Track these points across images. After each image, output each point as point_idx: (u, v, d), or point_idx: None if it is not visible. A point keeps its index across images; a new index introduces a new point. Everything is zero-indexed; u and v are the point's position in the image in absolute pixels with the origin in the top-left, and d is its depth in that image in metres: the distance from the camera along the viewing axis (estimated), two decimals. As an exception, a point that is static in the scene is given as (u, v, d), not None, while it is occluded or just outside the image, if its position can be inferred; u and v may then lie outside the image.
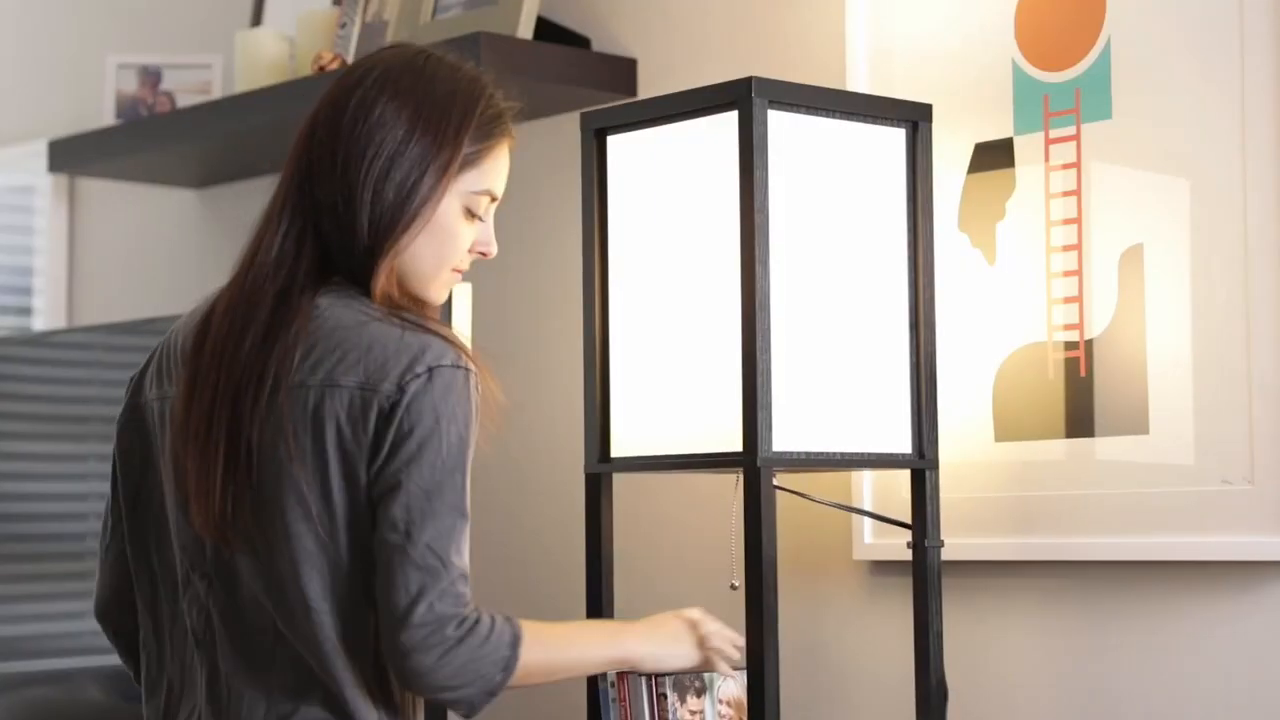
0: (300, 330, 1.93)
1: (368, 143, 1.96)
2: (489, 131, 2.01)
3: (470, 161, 2.00)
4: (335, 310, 1.95)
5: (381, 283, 1.97)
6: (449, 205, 1.99)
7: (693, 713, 2.26)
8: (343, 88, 2.00)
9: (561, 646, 2.02)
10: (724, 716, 2.16)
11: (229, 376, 1.94)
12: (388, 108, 1.97)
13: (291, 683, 1.94)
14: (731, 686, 2.22)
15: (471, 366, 1.93)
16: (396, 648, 1.87)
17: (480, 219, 2.03)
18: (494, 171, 2.03)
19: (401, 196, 1.96)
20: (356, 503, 1.91)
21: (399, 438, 1.89)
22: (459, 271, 2.05)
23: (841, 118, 2.35)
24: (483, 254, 2.07)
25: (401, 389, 1.90)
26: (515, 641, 1.91)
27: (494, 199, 2.04)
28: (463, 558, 1.90)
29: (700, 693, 2.27)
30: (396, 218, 1.96)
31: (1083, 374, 2.43)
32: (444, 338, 1.94)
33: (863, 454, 2.35)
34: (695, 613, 2.17)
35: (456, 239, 2.01)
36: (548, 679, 2.00)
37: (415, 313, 1.98)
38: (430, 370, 1.90)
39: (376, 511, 1.90)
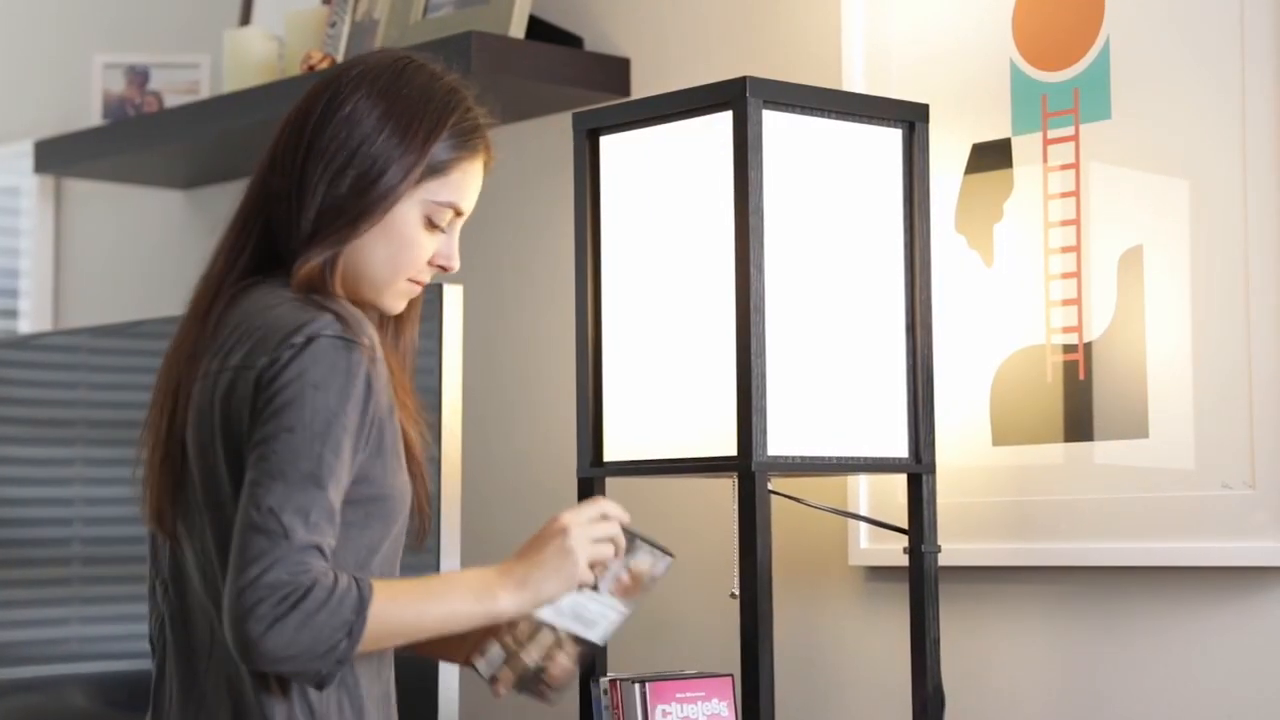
0: (220, 321, 1.94)
1: (333, 136, 1.95)
2: (461, 144, 1.99)
3: (437, 170, 1.97)
4: (255, 298, 1.94)
5: (306, 270, 1.93)
6: (407, 210, 1.97)
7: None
8: (320, 85, 2.01)
9: (420, 605, 1.89)
10: (621, 582, 2.05)
11: (173, 371, 1.96)
12: (360, 105, 1.96)
13: (212, 705, 1.91)
14: (645, 560, 2.06)
15: (363, 341, 1.87)
16: (227, 616, 1.80)
17: (443, 231, 2.01)
18: (462, 185, 2.00)
19: (356, 191, 1.94)
20: None
21: (265, 404, 1.85)
22: (417, 283, 2.02)
23: (837, 118, 2.35)
24: (443, 268, 2.03)
25: (275, 359, 1.86)
26: (360, 605, 1.81)
27: (459, 213, 2.02)
28: (315, 530, 1.81)
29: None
30: (345, 211, 1.94)
31: (1081, 377, 2.42)
32: (337, 314, 1.89)
33: (859, 458, 2.35)
34: (568, 521, 1.97)
35: (414, 247, 1.98)
36: (412, 639, 1.91)
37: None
38: (308, 339, 1.86)
39: None
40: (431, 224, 1.99)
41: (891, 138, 2.39)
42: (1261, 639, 2.29)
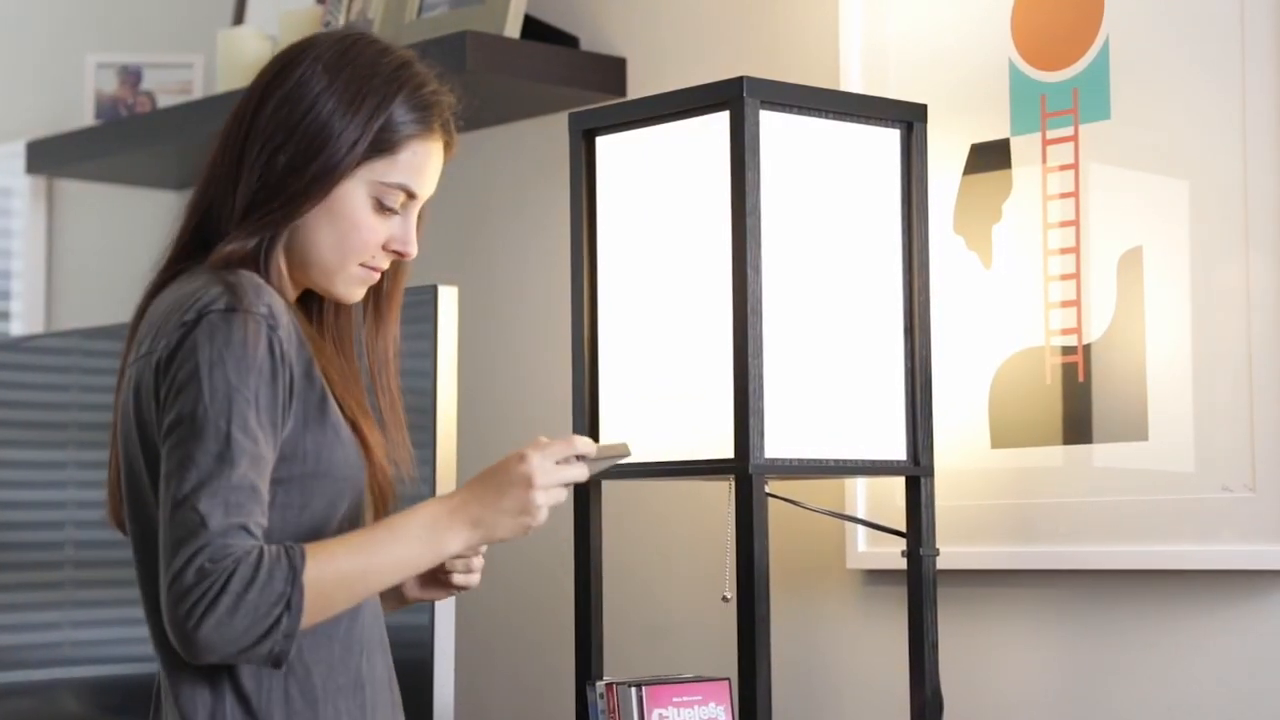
0: (143, 314, 1.91)
1: (273, 114, 1.89)
2: (409, 121, 1.91)
3: (383, 149, 1.89)
4: (175, 285, 1.89)
5: (226, 253, 1.87)
6: (353, 191, 1.89)
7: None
8: (269, 63, 1.95)
9: (363, 560, 1.81)
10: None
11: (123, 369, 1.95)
12: (303, 81, 1.90)
13: (167, 707, 1.87)
14: (604, 464, 1.95)
15: (257, 310, 1.81)
16: (164, 617, 1.76)
17: (395, 213, 1.92)
18: (412, 166, 1.92)
19: (292, 169, 1.87)
20: None
21: (166, 390, 1.81)
22: (371, 269, 1.94)
23: (835, 118, 2.35)
24: (398, 254, 1.95)
25: (169, 342, 1.82)
26: (292, 574, 1.74)
27: (411, 196, 1.93)
28: (236, 510, 1.75)
29: None
30: (280, 189, 1.87)
31: (1081, 379, 2.42)
32: (229, 285, 1.82)
33: (857, 461, 2.35)
34: (533, 470, 1.86)
35: (360, 230, 1.90)
36: (364, 595, 1.83)
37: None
38: (198, 316, 1.81)
39: None
40: (381, 206, 1.91)
41: (889, 138, 2.39)
42: (1262, 643, 2.28)
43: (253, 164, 1.89)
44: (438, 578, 2.03)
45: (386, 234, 1.93)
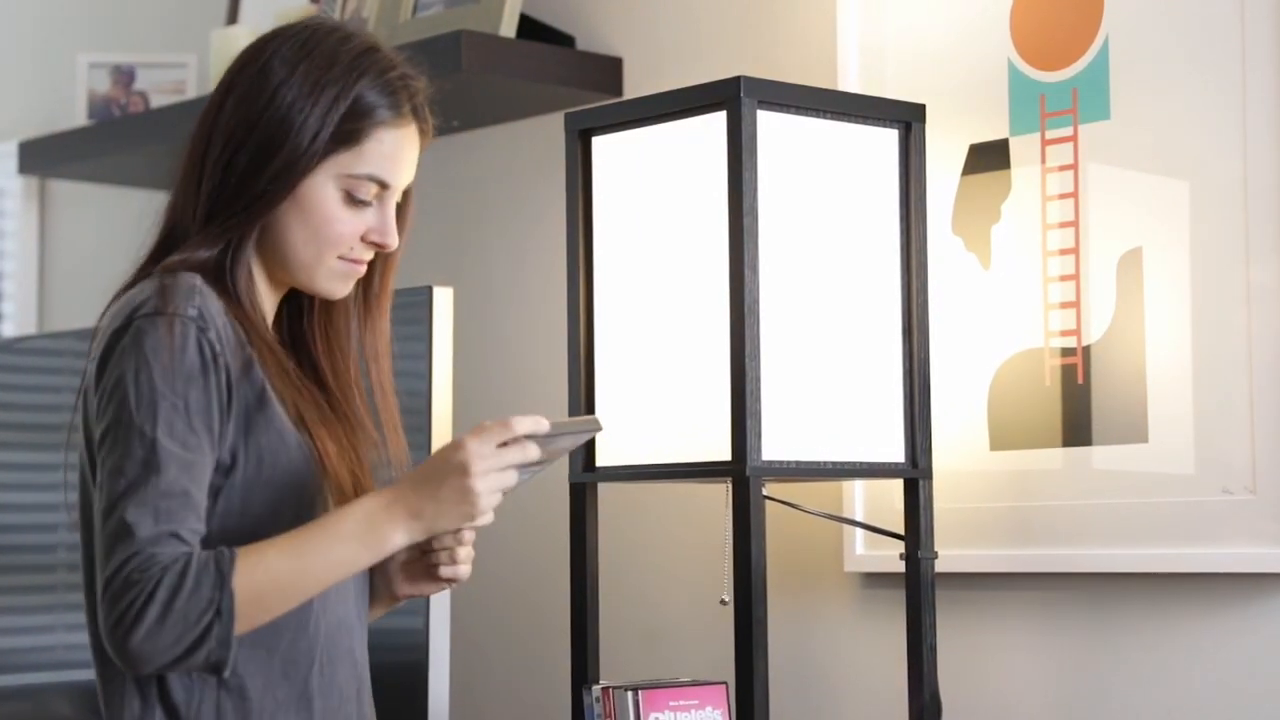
0: (100, 318, 1.89)
1: (233, 111, 1.85)
2: (373, 108, 1.84)
3: (346, 139, 1.84)
4: (129, 291, 1.87)
5: (180, 258, 1.83)
6: (321, 185, 1.84)
7: None
8: (233, 61, 1.91)
9: (298, 562, 1.76)
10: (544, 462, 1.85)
11: None
12: (262, 76, 1.85)
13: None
14: (568, 441, 1.88)
15: (185, 312, 1.78)
16: (100, 625, 1.74)
17: (368, 204, 1.86)
18: (379, 156, 1.86)
19: (253, 167, 1.83)
20: None
21: (99, 396, 1.80)
22: (353, 262, 1.89)
23: (832, 118, 2.34)
24: (378, 245, 1.89)
25: (101, 346, 1.81)
26: (220, 580, 1.71)
27: (384, 186, 1.87)
28: (166, 518, 1.73)
29: None
30: (241, 190, 1.83)
31: (1080, 381, 2.41)
32: (162, 287, 1.79)
33: (855, 463, 2.34)
34: (468, 457, 1.79)
35: (332, 224, 1.85)
36: (301, 598, 1.79)
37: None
38: (127, 321, 1.79)
39: None
40: (353, 199, 1.86)
41: (887, 138, 2.38)
42: (1263, 646, 2.28)
43: (214, 165, 1.85)
44: (426, 571, 1.96)
45: (363, 226, 1.88)
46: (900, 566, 2.39)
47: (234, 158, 1.84)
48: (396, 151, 1.87)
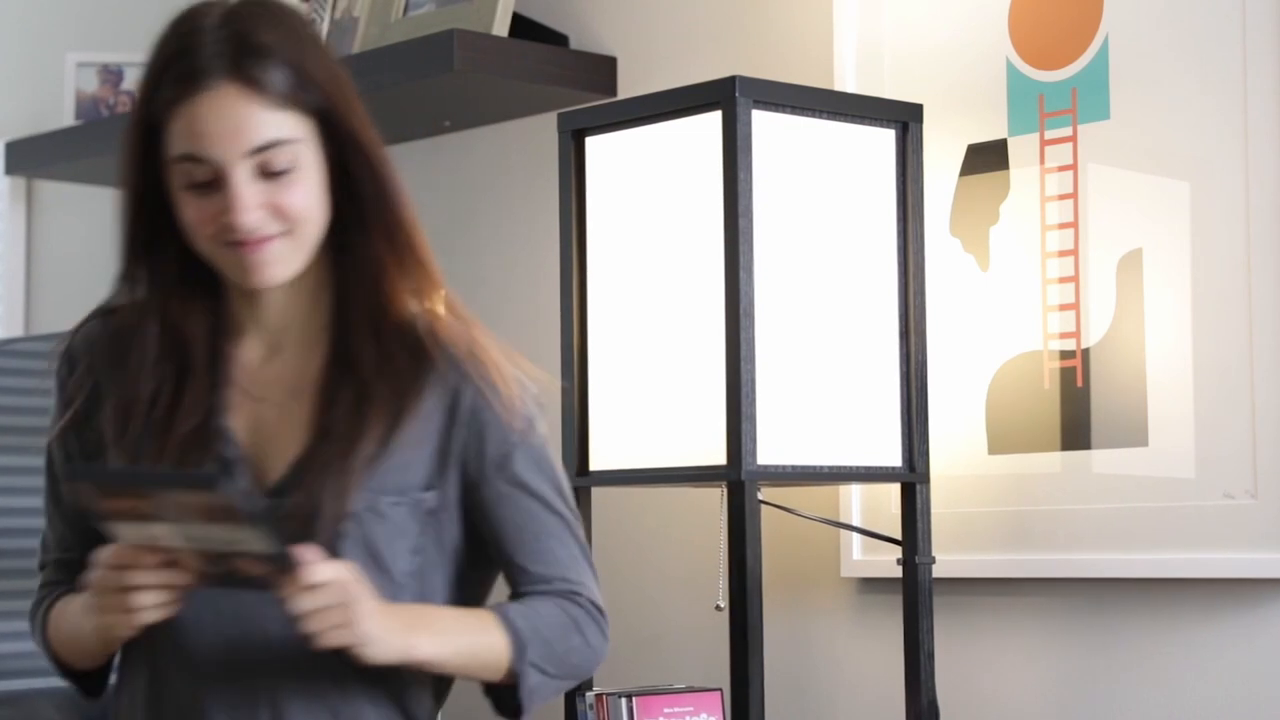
0: None
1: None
2: (162, 85, 1.73)
3: (162, 122, 1.73)
4: None
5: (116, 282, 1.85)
6: (171, 176, 1.74)
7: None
8: None
9: (66, 622, 1.83)
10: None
11: None
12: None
13: None
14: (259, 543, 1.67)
15: (59, 350, 1.86)
16: None
17: (213, 184, 1.73)
18: (185, 134, 1.71)
19: (120, 177, 1.81)
20: None
21: None
22: (238, 245, 1.75)
23: (829, 118, 2.35)
24: (227, 224, 1.74)
25: None
26: (41, 625, 1.87)
27: (196, 160, 1.72)
28: (42, 550, 1.88)
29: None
30: (124, 201, 1.80)
31: (1079, 384, 2.41)
32: (82, 322, 1.89)
33: (851, 467, 2.34)
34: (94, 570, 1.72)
35: (187, 212, 1.74)
36: (83, 652, 1.81)
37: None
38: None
39: None
40: (193, 183, 1.74)
41: (885, 138, 2.38)
42: (1263, 652, 2.28)
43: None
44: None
45: (215, 208, 1.74)
46: (897, 572, 2.39)
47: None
48: (194, 125, 1.72)
